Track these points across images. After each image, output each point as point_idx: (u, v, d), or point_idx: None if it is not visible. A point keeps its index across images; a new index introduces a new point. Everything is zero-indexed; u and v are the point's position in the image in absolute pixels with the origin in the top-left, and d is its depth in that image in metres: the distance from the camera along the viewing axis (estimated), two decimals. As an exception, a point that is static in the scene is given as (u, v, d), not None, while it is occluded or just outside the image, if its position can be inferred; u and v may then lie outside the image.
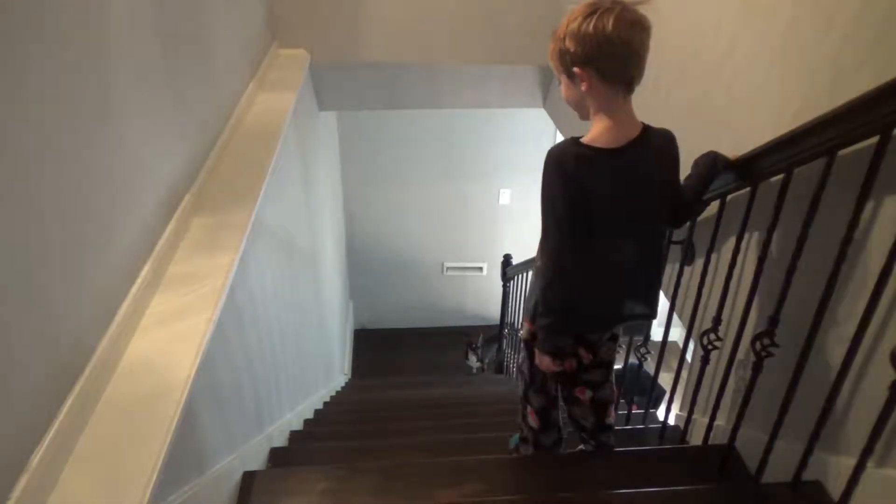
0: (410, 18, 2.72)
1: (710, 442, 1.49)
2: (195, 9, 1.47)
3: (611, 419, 1.43)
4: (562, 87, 1.14)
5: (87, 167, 0.89)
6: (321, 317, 3.12)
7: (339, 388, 3.81)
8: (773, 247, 1.23)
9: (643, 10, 1.03)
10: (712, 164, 1.27)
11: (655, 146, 1.13)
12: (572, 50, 1.04)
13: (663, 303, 2.46)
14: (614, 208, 1.12)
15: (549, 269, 1.16)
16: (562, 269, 1.15)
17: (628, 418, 2.00)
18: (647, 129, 1.12)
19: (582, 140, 1.08)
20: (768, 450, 1.25)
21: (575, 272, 1.15)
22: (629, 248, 1.18)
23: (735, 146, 1.33)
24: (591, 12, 1.01)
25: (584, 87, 1.07)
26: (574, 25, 1.02)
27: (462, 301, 5.66)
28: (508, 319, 4.27)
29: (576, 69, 1.05)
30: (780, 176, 1.16)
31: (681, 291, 1.64)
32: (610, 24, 0.99)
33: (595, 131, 1.09)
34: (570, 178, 1.07)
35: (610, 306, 1.26)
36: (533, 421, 1.49)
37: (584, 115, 1.13)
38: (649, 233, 1.21)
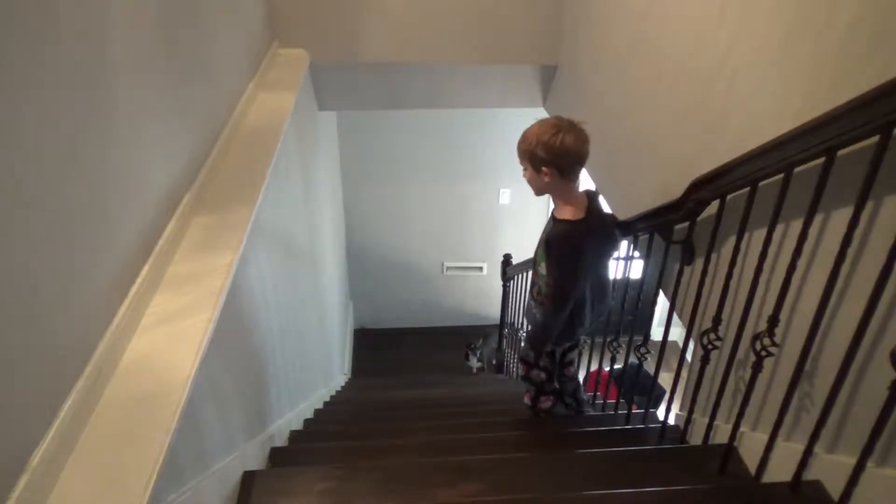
0: (410, 18, 2.72)
1: (710, 442, 1.49)
2: (195, 9, 1.47)
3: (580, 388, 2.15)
4: (525, 173, 1.59)
5: (86, 167, 0.89)
6: (321, 317, 3.12)
7: (339, 388, 3.81)
8: (773, 246, 1.23)
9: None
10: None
11: (597, 203, 1.64)
12: (541, 156, 1.50)
13: (663, 303, 2.49)
14: (598, 254, 1.67)
15: (555, 318, 1.68)
16: (562, 319, 1.68)
17: (628, 418, 1.99)
18: (588, 193, 1.62)
19: (569, 219, 1.56)
20: (768, 450, 1.25)
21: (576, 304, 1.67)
22: (599, 281, 1.73)
23: (734, 146, 1.33)
24: (556, 131, 1.47)
25: (546, 179, 1.53)
26: (545, 138, 1.48)
27: (462, 301, 5.66)
28: (508, 319, 4.27)
29: (543, 168, 1.51)
30: (780, 176, 1.16)
31: (681, 291, 1.64)
32: (570, 142, 1.47)
33: (569, 212, 1.57)
34: (578, 246, 1.57)
35: (584, 325, 1.78)
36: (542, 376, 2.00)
37: (539, 193, 1.61)
38: (608, 264, 1.77)
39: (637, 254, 2.01)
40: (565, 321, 1.71)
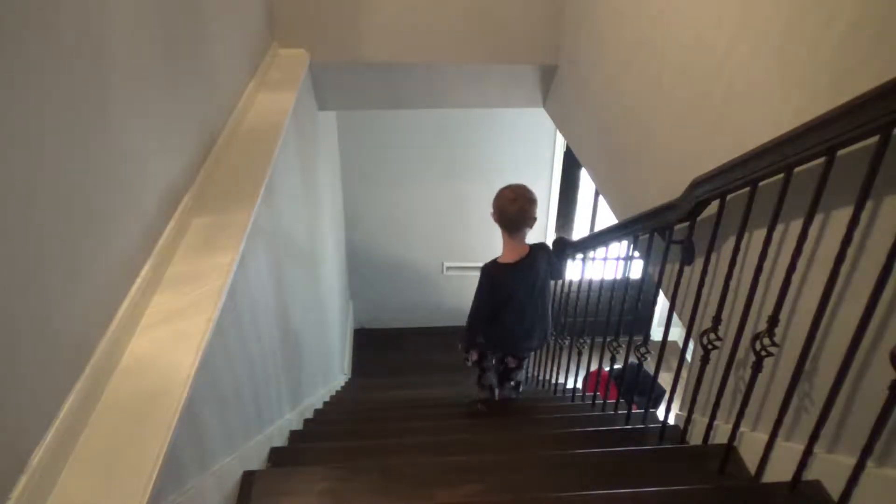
0: (410, 18, 2.72)
1: (710, 442, 1.49)
2: (195, 9, 1.47)
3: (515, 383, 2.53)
4: None
5: (86, 167, 0.89)
6: (321, 316, 3.12)
7: (339, 388, 3.81)
8: (773, 246, 1.23)
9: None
10: (560, 245, 2.38)
11: (535, 256, 2.09)
12: (493, 209, 2.06)
13: (663, 303, 2.49)
14: (514, 294, 2.10)
15: (471, 326, 2.22)
16: (478, 326, 2.21)
17: (628, 418, 1.99)
18: (531, 248, 2.10)
19: (498, 260, 2.11)
20: (768, 449, 1.25)
21: (487, 328, 2.20)
22: (526, 312, 2.14)
23: (734, 146, 1.33)
24: (510, 196, 2.01)
25: (498, 225, 2.07)
26: (500, 200, 2.03)
27: (462, 301, 5.64)
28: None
29: (493, 216, 2.07)
30: (780, 176, 1.16)
31: (681, 291, 1.64)
32: (507, 206, 2.01)
33: (504, 254, 2.11)
34: (492, 279, 2.10)
35: (515, 343, 2.26)
36: (485, 383, 2.47)
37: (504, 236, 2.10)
38: (537, 301, 2.15)
39: (637, 254, 2.01)
40: (487, 330, 2.19)
